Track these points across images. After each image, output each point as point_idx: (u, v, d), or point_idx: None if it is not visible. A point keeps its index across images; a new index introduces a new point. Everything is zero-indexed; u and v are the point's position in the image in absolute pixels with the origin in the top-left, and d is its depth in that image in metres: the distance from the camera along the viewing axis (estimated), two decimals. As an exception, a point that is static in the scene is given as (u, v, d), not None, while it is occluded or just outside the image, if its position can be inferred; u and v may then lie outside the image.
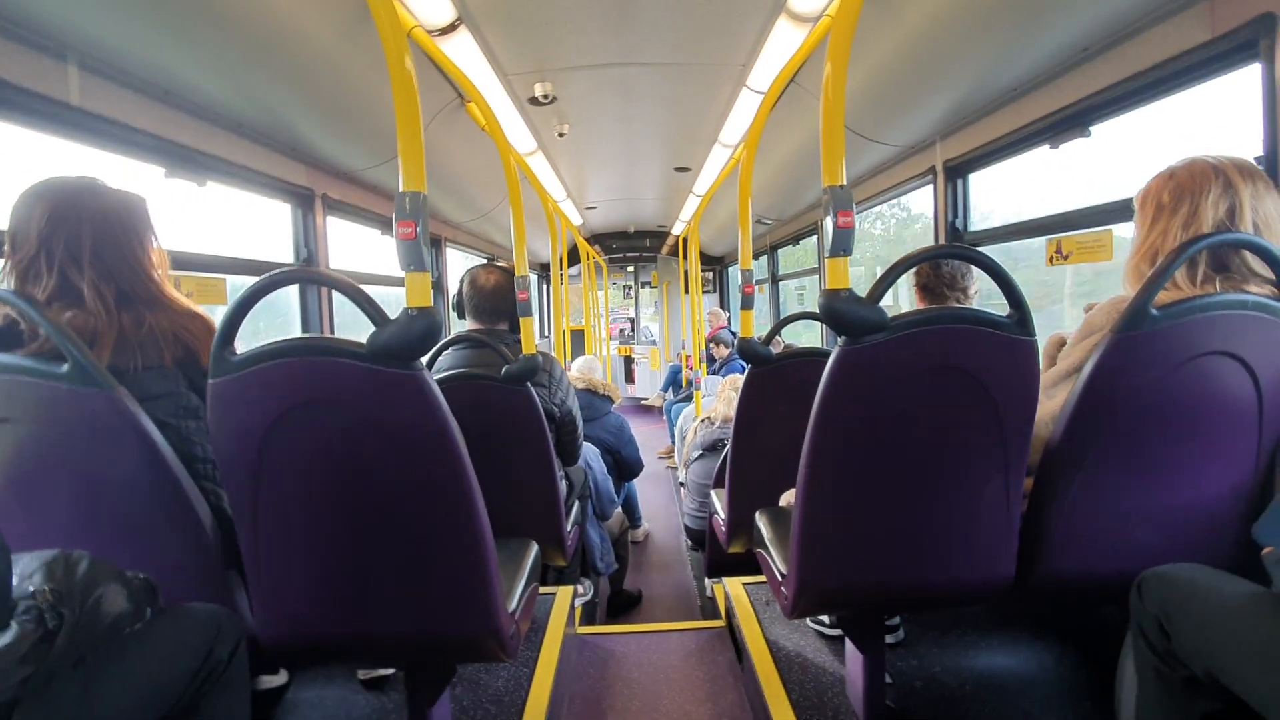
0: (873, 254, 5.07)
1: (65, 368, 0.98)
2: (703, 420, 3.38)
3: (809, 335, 5.48)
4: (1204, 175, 1.13)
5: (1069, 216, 2.07)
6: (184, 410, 1.16)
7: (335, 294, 2.80)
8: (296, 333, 2.73)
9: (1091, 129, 1.93)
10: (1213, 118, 1.74)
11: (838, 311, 1.08)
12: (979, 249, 1.29)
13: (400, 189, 0.99)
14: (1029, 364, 1.14)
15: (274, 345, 0.99)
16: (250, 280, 1.03)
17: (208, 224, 2.39)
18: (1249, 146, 1.41)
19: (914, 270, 1.75)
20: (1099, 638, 1.64)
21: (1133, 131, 1.92)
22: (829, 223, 1.12)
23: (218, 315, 1.28)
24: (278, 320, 2.92)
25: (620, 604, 3.25)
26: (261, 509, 1.05)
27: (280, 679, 1.64)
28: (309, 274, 1.50)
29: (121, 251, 1.16)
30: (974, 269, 1.80)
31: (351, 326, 2.98)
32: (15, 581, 0.80)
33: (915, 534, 1.23)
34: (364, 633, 1.14)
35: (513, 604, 1.26)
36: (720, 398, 3.32)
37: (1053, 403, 1.21)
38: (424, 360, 1.03)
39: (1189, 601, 0.93)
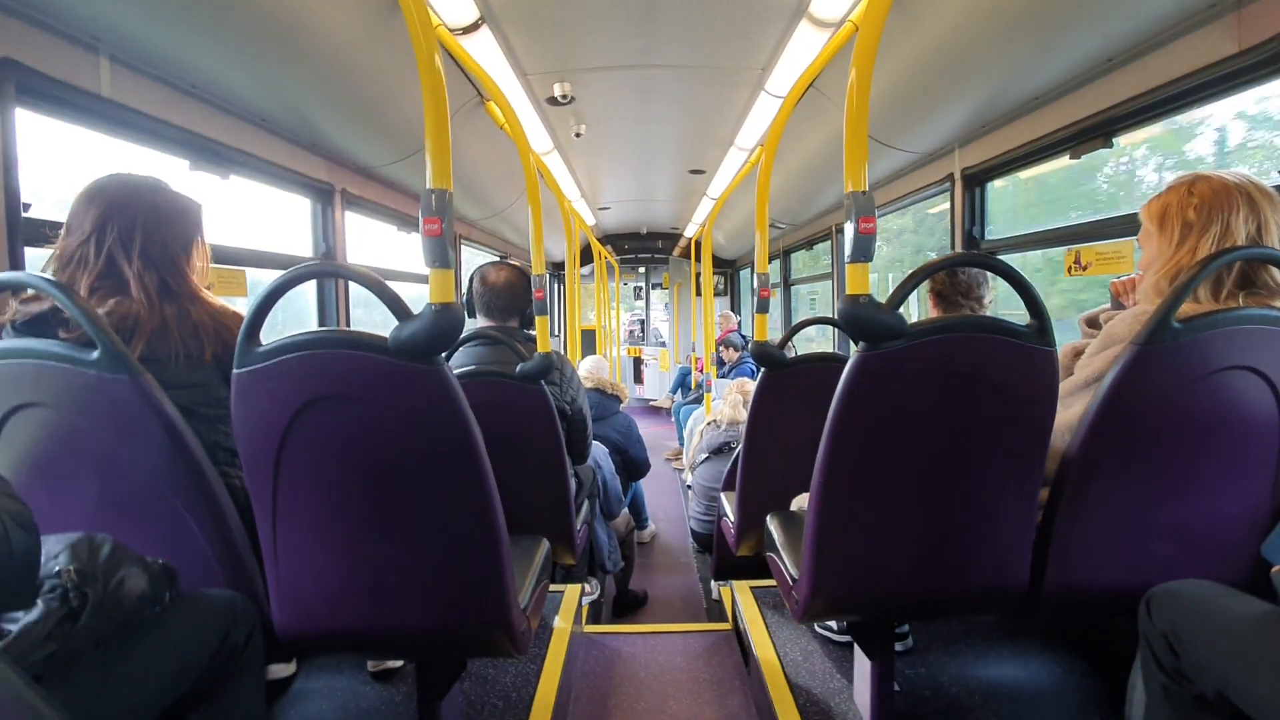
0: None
1: (95, 354, 0.99)
2: (709, 423, 3.38)
3: (819, 341, 5.46)
4: (1228, 192, 1.12)
5: (1089, 227, 2.06)
6: (212, 401, 1.18)
7: (352, 288, 2.85)
8: (312, 326, 2.76)
9: (1115, 140, 1.92)
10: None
11: (857, 317, 1.08)
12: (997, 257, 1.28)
13: (427, 186, 1.00)
14: (1048, 373, 1.13)
15: (298, 337, 1.00)
16: (269, 273, 1.04)
17: (229, 216, 2.41)
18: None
19: (930, 276, 1.74)
20: (1110, 650, 1.62)
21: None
22: (850, 228, 1.12)
23: (237, 306, 1.31)
24: (295, 311, 2.95)
25: (626, 604, 3.26)
26: (281, 499, 1.07)
27: (290, 668, 1.65)
28: (335, 268, 1.52)
29: (169, 249, 1.21)
30: (990, 279, 1.79)
31: (365, 321, 3.01)
32: (41, 562, 0.82)
33: (929, 541, 1.22)
34: (378, 624, 1.15)
35: (524, 600, 1.27)
36: (726, 400, 3.31)
37: (1069, 413, 1.20)
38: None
39: (1198, 619, 0.92)
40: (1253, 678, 0.83)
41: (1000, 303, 1.87)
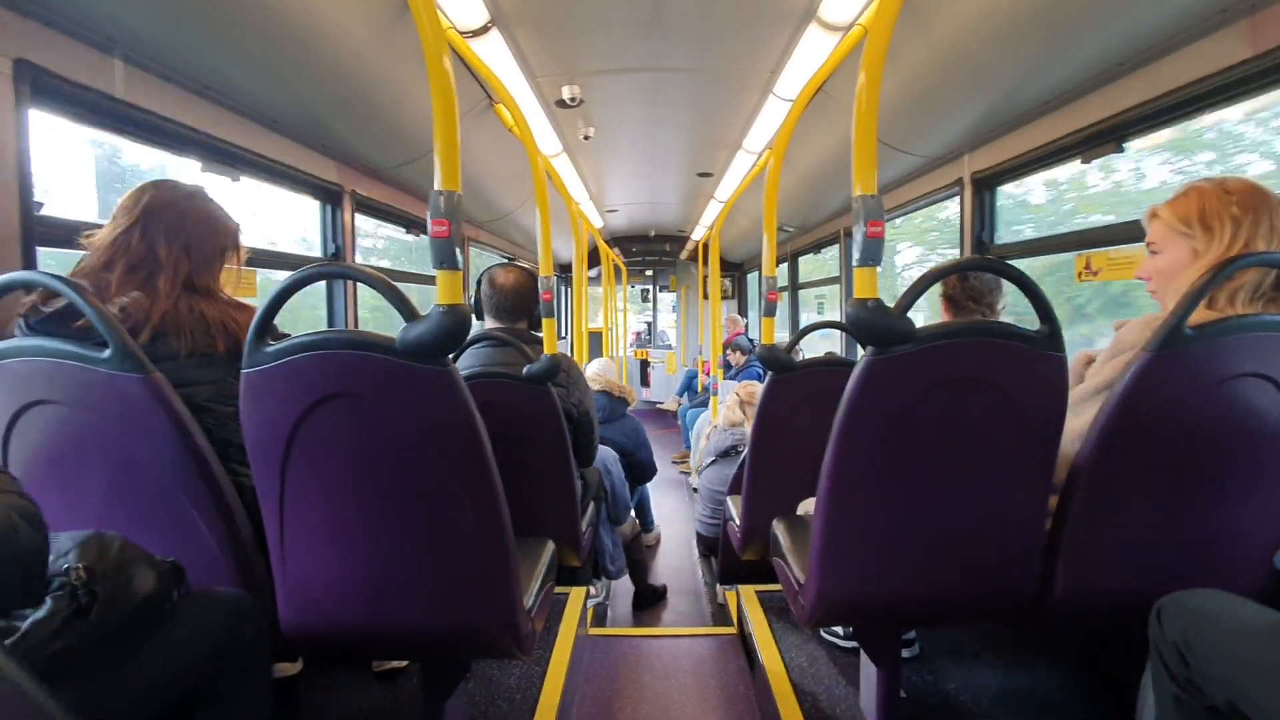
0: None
1: (107, 352, 1.00)
2: (715, 426, 3.37)
3: (825, 345, 5.44)
4: (1262, 191, 1.12)
5: (1100, 232, 2.04)
6: (227, 398, 1.19)
7: (359, 289, 2.86)
8: (320, 327, 2.77)
9: (1126, 144, 1.90)
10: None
11: (865, 321, 1.08)
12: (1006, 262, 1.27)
13: (435, 187, 1.01)
14: (1058, 379, 1.12)
15: (307, 337, 1.01)
16: (279, 274, 1.05)
17: (239, 218, 2.43)
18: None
19: (941, 280, 1.73)
20: (1119, 660, 1.61)
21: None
22: (858, 232, 1.12)
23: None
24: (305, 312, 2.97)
25: (646, 598, 3.30)
26: (288, 498, 1.07)
27: (295, 667, 1.66)
28: (344, 269, 1.53)
29: (207, 249, 1.27)
30: (1003, 285, 1.78)
31: (370, 321, 3.02)
32: (51, 559, 0.83)
33: (937, 547, 1.22)
34: (384, 625, 1.15)
35: (529, 602, 1.26)
36: (726, 402, 3.31)
37: (1079, 420, 1.19)
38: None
39: (1209, 629, 0.91)
40: (1265, 689, 0.81)
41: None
